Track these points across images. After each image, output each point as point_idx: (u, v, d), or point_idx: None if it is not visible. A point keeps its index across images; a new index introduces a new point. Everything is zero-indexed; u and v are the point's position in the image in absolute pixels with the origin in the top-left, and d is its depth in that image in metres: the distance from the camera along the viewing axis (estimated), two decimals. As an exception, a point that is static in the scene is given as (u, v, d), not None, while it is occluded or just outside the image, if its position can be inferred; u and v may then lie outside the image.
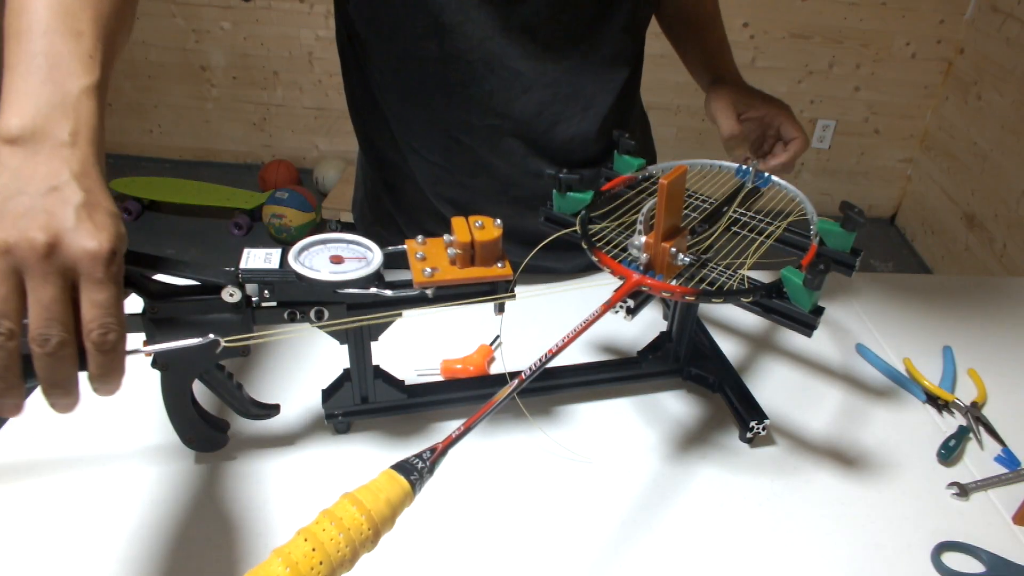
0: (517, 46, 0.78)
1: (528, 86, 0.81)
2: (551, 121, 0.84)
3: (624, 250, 0.63)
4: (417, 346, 0.82)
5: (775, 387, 0.80)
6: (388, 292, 0.60)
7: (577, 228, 0.67)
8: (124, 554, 0.58)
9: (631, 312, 0.59)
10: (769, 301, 0.59)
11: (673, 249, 0.59)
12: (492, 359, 0.81)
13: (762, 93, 0.86)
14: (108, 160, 3.20)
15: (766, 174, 0.74)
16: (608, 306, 0.57)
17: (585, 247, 0.64)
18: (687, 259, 0.60)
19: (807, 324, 0.58)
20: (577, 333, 0.55)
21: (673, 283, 0.60)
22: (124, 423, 0.70)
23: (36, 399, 0.50)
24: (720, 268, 0.62)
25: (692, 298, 0.58)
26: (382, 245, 0.64)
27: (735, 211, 0.71)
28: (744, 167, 0.75)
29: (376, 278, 0.61)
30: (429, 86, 0.82)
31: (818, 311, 0.57)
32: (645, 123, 1.04)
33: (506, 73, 0.80)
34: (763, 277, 0.65)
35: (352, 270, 0.60)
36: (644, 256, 0.60)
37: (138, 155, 3.23)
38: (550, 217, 0.72)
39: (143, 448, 0.68)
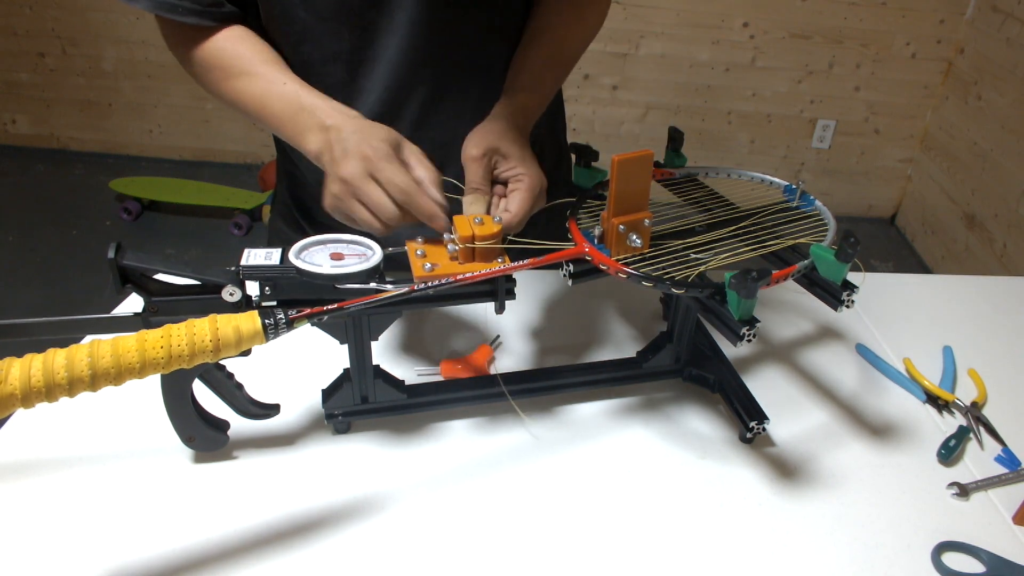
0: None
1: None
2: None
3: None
4: (417, 346, 0.82)
5: (775, 387, 0.80)
6: (389, 287, 0.60)
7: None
8: (124, 554, 0.58)
9: (572, 277, 0.63)
10: (799, 278, 0.62)
11: (622, 227, 0.62)
12: (492, 359, 0.81)
13: (522, 151, 0.70)
14: (108, 160, 3.22)
15: (811, 196, 0.73)
16: (552, 258, 0.62)
17: (568, 212, 0.69)
18: (639, 241, 0.63)
19: (836, 297, 0.60)
20: (512, 268, 0.61)
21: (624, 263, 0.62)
22: (124, 423, 0.70)
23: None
24: (684, 262, 0.63)
25: (624, 276, 0.60)
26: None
27: (754, 223, 0.70)
28: (792, 186, 0.74)
29: (376, 272, 0.61)
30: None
31: (849, 287, 0.59)
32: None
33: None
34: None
35: (353, 264, 0.60)
36: (598, 229, 0.64)
37: (138, 155, 3.22)
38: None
39: (143, 448, 0.68)
